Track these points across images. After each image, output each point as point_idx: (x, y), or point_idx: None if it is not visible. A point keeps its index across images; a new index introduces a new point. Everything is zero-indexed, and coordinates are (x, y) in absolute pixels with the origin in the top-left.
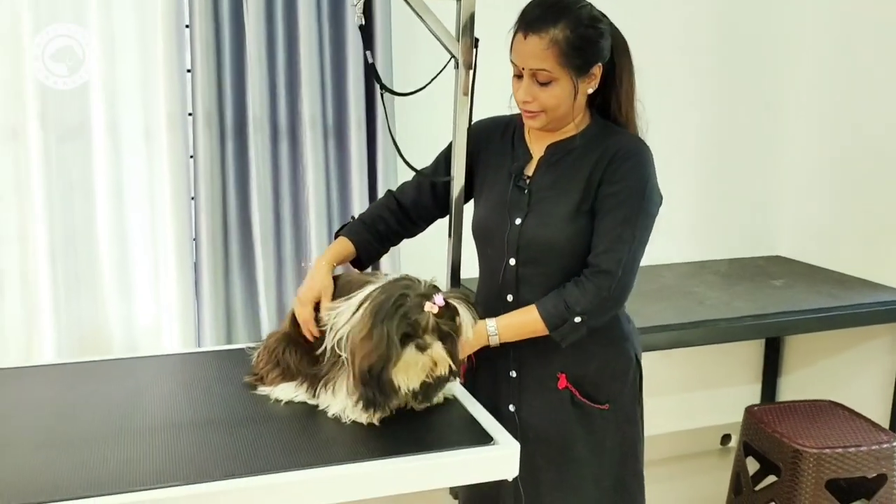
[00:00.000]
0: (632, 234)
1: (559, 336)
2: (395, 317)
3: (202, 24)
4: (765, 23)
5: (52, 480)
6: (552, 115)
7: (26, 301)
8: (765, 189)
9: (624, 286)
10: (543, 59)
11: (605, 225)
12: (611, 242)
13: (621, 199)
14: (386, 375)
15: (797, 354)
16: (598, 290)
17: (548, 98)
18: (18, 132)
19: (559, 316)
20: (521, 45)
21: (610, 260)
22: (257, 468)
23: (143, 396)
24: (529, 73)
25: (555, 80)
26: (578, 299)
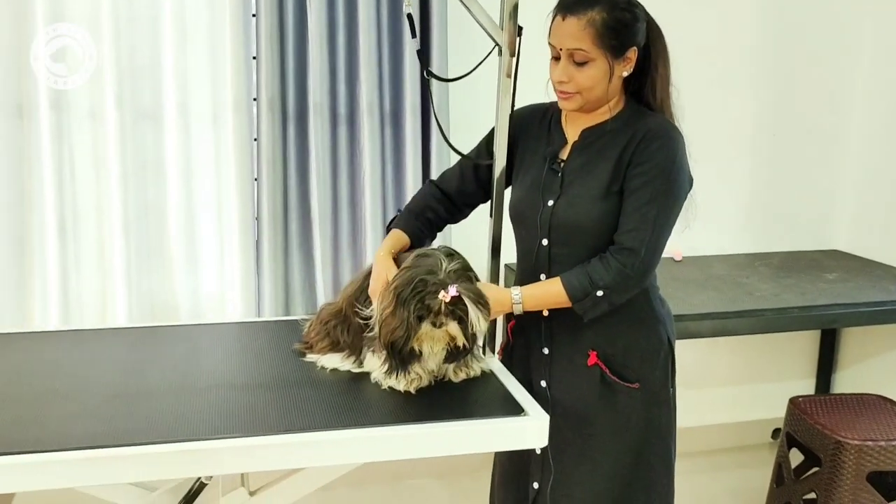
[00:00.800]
0: (656, 214)
1: (581, 309)
2: (412, 301)
3: (268, 14)
4: (827, 9)
5: (116, 428)
6: (587, 96)
7: (102, 270)
8: (823, 181)
9: (647, 265)
10: (580, 39)
11: (630, 204)
12: (636, 222)
13: (647, 179)
14: (406, 348)
15: (853, 349)
16: (622, 267)
17: (584, 79)
18: (97, 112)
19: (582, 289)
20: (559, 27)
21: (634, 238)
22: (299, 426)
23: (201, 358)
24: (567, 54)
25: (591, 60)
26: (602, 275)
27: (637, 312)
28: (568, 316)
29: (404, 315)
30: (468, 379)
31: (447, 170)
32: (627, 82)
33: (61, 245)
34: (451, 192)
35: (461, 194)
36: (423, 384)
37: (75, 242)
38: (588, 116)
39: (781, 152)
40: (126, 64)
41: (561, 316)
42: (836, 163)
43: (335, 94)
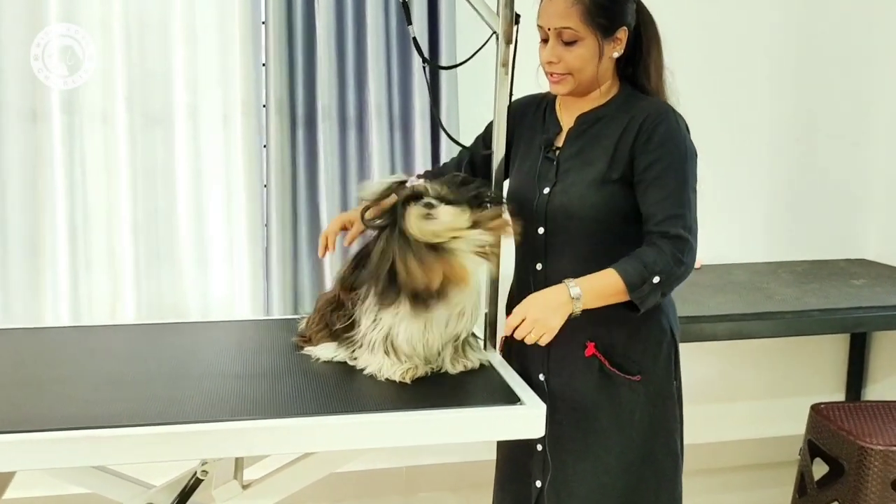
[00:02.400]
0: (687, 198)
1: (638, 297)
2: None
3: (276, 21)
4: (853, 11)
5: (105, 411)
6: (577, 77)
7: (111, 273)
8: (849, 188)
9: (695, 249)
10: (568, 17)
11: (657, 192)
12: (671, 208)
13: (666, 166)
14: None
15: (885, 360)
16: (676, 252)
17: (573, 59)
18: (108, 116)
19: (639, 276)
20: (548, 6)
21: (677, 224)
22: (291, 412)
23: (199, 351)
24: (555, 34)
25: (580, 39)
26: (657, 260)
27: None
28: None
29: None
30: (465, 370)
31: (446, 162)
32: (620, 67)
33: (72, 247)
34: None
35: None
36: (419, 374)
37: (86, 244)
38: (582, 102)
39: (805, 158)
40: (137, 69)
41: None
42: (863, 169)
43: (344, 99)
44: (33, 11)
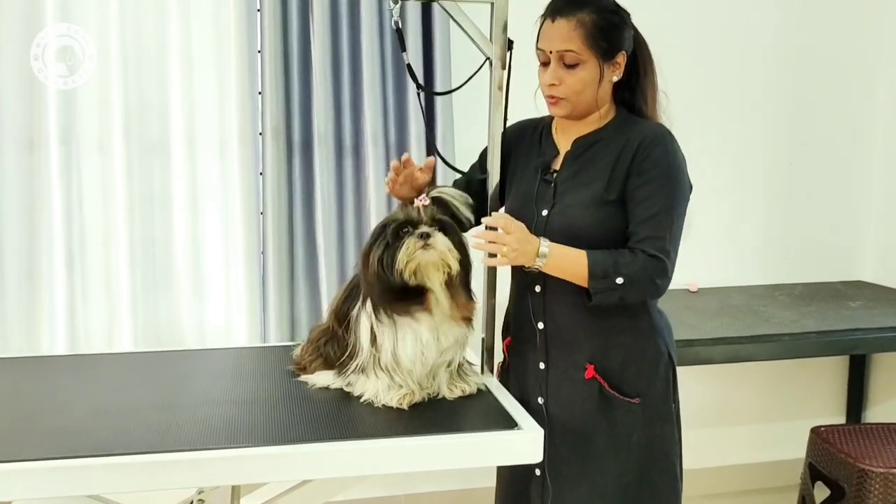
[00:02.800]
0: (671, 222)
1: (594, 287)
2: (383, 224)
3: (272, 49)
4: (846, 35)
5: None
6: (576, 100)
7: (108, 301)
8: (845, 211)
9: (669, 274)
10: (570, 40)
11: (642, 212)
12: (652, 230)
13: (655, 188)
14: (396, 279)
15: (884, 382)
16: (648, 266)
17: (574, 82)
18: (105, 145)
19: (604, 269)
20: (549, 29)
21: (654, 246)
22: (285, 439)
23: (193, 379)
24: (556, 57)
25: (581, 62)
26: (629, 264)
27: (635, 323)
28: (564, 329)
29: (384, 238)
30: (462, 396)
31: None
32: (616, 91)
33: (69, 275)
34: None
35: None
36: (415, 399)
37: (83, 273)
38: (579, 126)
39: (799, 181)
40: (134, 98)
41: (557, 329)
42: (858, 192)
43: (340, 126)
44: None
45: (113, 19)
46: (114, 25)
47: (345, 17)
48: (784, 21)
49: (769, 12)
